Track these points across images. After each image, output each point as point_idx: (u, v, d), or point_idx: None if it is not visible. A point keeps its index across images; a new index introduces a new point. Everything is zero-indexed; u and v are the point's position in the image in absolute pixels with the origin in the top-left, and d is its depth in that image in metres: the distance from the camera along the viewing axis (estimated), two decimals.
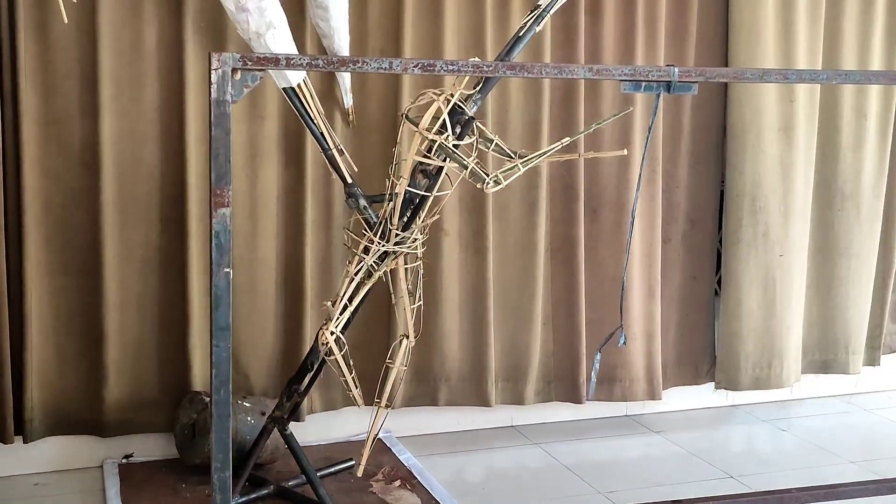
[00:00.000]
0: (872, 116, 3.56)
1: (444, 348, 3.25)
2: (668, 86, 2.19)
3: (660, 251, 3.41)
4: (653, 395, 3.47)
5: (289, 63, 2.09)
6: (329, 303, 2.54)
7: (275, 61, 2.07)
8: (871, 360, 3.80)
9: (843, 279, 3.65)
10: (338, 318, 2.49)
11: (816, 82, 2.43)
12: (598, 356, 2.43)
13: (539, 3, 2.52)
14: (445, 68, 2.18)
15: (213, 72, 1.98)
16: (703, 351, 3.64)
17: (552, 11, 2.53)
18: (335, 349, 2.47)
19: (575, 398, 3.39)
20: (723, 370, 3.57)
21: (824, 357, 3.73)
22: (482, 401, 3.29)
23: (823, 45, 3.49)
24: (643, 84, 2.20)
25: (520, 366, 3.35)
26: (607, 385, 3.44)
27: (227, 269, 2.05)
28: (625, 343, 3.16)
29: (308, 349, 3.02)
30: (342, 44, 2.89)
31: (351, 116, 3.07)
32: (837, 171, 3.58)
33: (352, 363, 2.51)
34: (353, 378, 2.52)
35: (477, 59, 2.44)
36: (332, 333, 2.47)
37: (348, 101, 3.05)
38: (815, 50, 3.46)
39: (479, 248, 3.24)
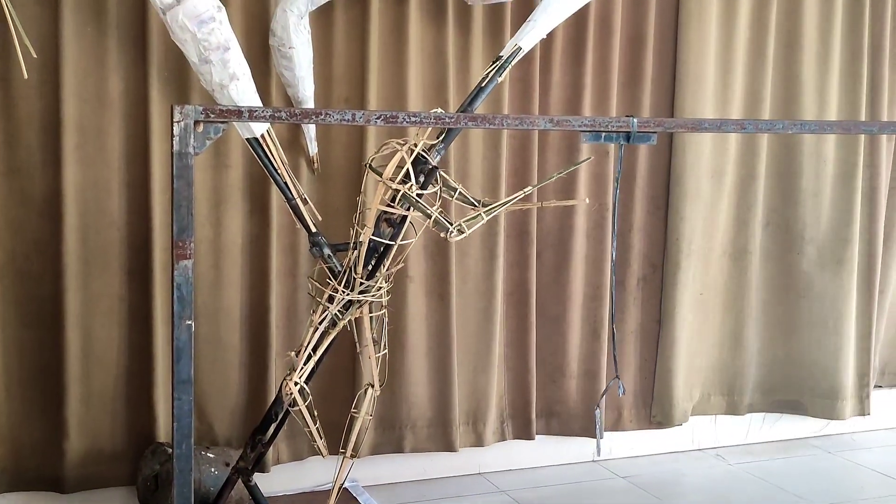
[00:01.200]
0: (831, 161, 3.62)
1: (409, 395, 3.25)
2: (628, 136, 2.22)
3: (608, 294, 3.44)
4: (592, 432, 3.51)
5: (251, 115, 2.10)
6: (293, 353, 2.54)
7: (237, 114, 2.08)
8: (861, 410, 3.84)
9: (805, 322, 3.70)
10: (302, 368, 2.49)
11: (773, 132, 2.48)
12: (599, 412, 2.47)
13: (500, 54, 2.56)
14: (408, 120, 2.20)
15: (175, 124, 1.99)
16: None
17: (514, 62, 2.57)
18: (299, 400, 2.46)
19: (526, 435, 3.45)
20: (658, 404, 3.61)
21: (787, 398, 3.77)
22: (447, 446, 3.29)
23: (783, 93, 3.57)
24: (603, 134, 2.24)
25: (479, 408, 3.38)
26: (545, 419, 3.51)
27: (189, 322, 2.04)
28: (624, 392, 3.22)
29: (273, 398, 3.01)
30: (307, 93, 2.91)
31: (316, 164, 3.08)
32: (797, 216, 3.64)
33: (316, 413, 2.50)
34: (317, 428, 2.51)
35: (440, 109, 2.47)
36: (295, 384, 2.46)
37: (313, 148, 3.06)
38: (754, 102, 3.53)
39: (442, 293, 3.25)
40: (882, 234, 3.74)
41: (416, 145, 2.48)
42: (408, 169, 2.44)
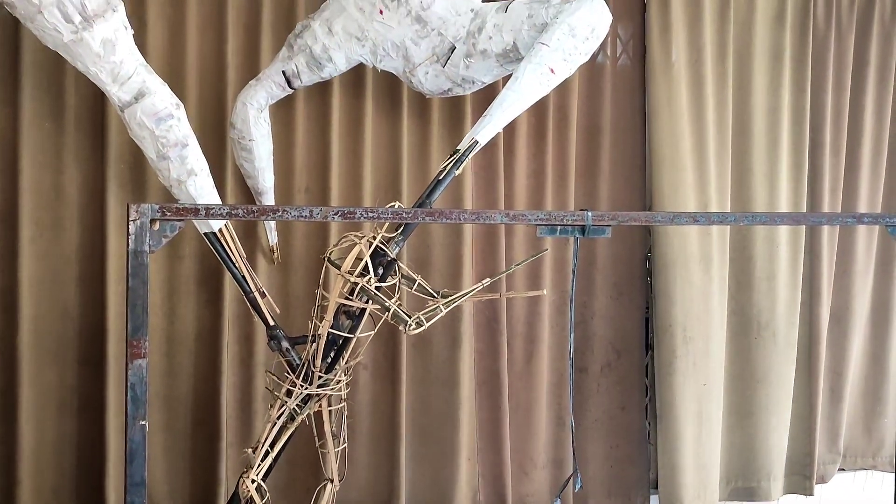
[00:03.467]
0: (783, 245, 3.67)
1: (359, 478, 3.21)
2: (583, 229, 2.27)
3: (571, 374, 3.41)
4: None
5: (208, 213, 2.12)
6: (250, 449, 2.51)
7: (194, 212, 2.09)
8: (805, 489, 3.80)
9: (763, 407, 3.68)
10: (259, 465, 2.46)
11: (725, 223, 2.53)
12: (558, 502, 2.44)
13: (458, 147, 2.60)
14: (366, 216, 2.23)
15: (131, 223, 2.00)
16: (637, 482, 3.62)
17: (471, 155, 2.61)
18: (256, 498, 2.43)
19: None
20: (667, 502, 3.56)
21: (747, 485, 3.72)
22: None
23: (733, 183, 3.61)
24: (559, 228, 2.27)
25: (444, 499, 3.31)
26: None
27: (143, 423, 2.03)
28: (581, 487, 3.12)
29: (223, 488, 2.97)
30: (267, 184, 2.93)
31: (275, 254, 3.08)
32: (753, 300, 3.68)
33: None
34: None
35: (398, 204, 2.50)
36: (252, 481, 2.43)
37: (273, 238, 3.07)
38: (736, 189, 3.57)
39: (393, 378, 3.22)
40: (826, 318, 3.77)
41: (374, 238, 2.50)
42: (366, 262, 2.46)
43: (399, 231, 2.56)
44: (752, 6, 3.58)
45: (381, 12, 2.78)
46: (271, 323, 2.63)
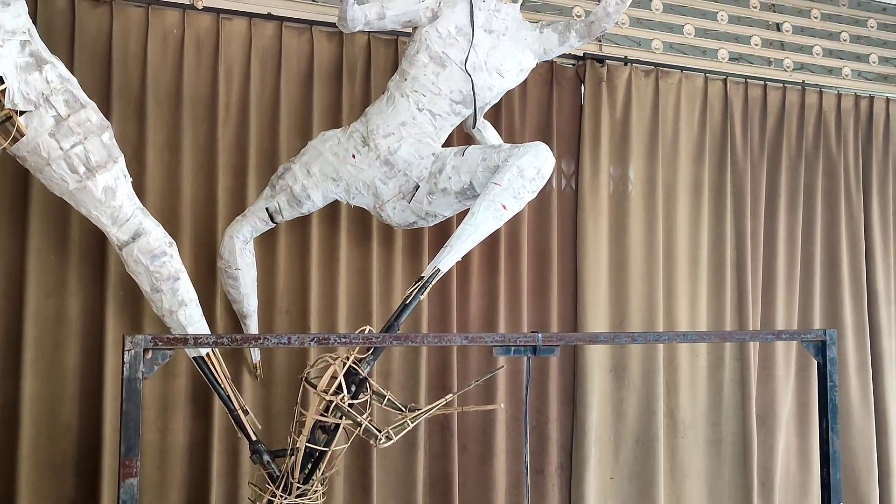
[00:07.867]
0: (703, 355, 3.72)
1: None
2: (535, 349, 2.28)
3: (527, 481, 3.34)
4: None
5: (197, 342, 2.11)
6: None
7: (183, 341, 2.08)
8: None
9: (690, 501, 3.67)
10: None
11: (660, 342, 2.58)
12: None
13: (422, 275, 2.62)
14: (339, 341, 2.23)
15: (126, 352, 1.98)
16: None
17: (434, 282, 2.62)
18: None
19: None
20: None
21: None
22: None
23: (666, 301, 3.66)
24: (512, 349, 2.28)
25: None
26: None
27: None
28: None
29: None
30: (251, 308, 2.93)
31: (258, 370, 3.05)
32: (679, 403, 3.68)
33: None
34: None
35: (369, 328, 2.50)
36: None
37: (256, 356, 3.04)
38: (648, 307, 3.62)
39: (364, 485, 3.14)
40: (755, 417, 3.78)
41: (347, 358, 2.49)
42: (340, 381, 2.44)
43: (370, 352, 2.55)
44: (676, 146, 3.70)
45: (353, 156, 2.84)
46: (253, 438, 2.58)
